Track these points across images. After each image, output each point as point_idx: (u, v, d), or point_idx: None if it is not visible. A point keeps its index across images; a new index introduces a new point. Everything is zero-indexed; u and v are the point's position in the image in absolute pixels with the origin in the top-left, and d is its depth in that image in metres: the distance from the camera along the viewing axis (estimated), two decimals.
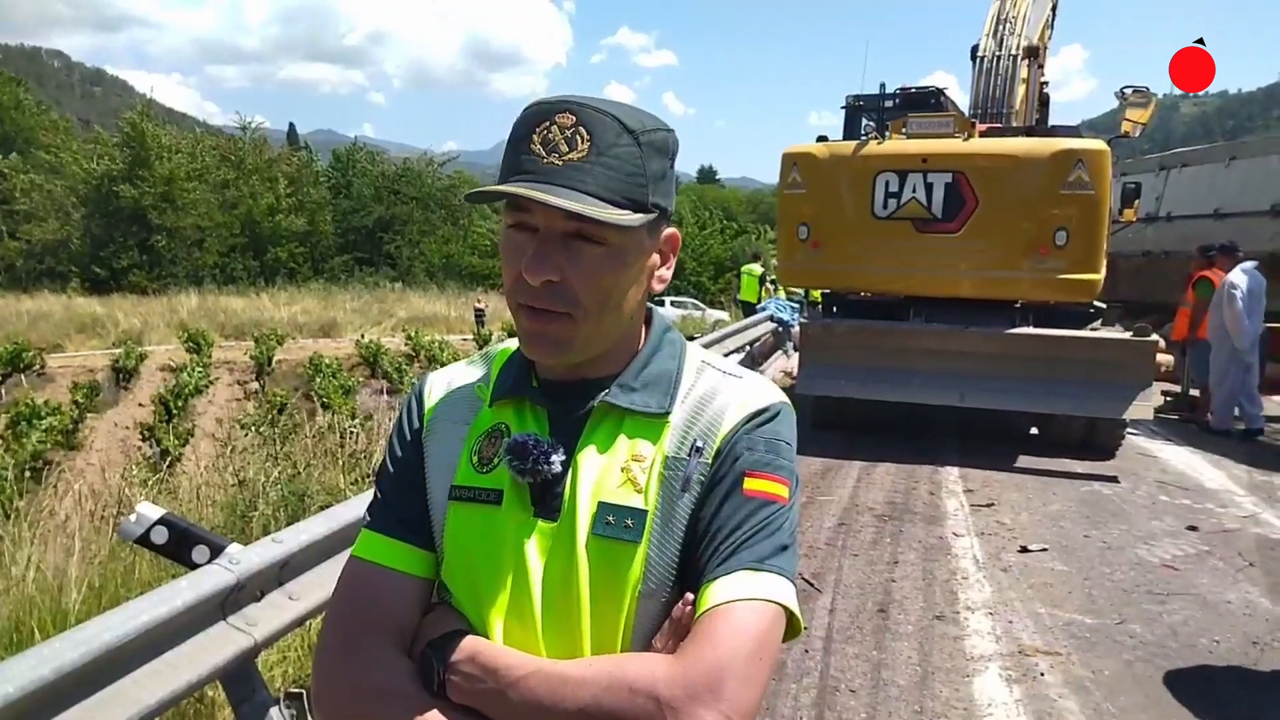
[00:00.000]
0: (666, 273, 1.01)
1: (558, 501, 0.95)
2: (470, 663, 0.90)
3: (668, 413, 0.98)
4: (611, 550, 0.93)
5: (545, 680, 0.87)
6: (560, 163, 0.88)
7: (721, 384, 1.01)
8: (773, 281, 15.75)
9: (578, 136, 0.89)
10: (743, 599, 0.89)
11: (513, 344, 1.07)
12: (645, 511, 0.93)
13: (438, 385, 1.08)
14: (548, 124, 0.90)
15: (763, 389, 1.02)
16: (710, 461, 0.96)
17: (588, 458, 0.96)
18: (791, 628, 0.92)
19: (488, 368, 1.08)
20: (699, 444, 0.96)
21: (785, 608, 0.91)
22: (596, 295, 0.92)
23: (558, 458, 0.95)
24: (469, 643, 0.92)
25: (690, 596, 0.92)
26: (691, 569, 0.94)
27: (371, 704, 0.92)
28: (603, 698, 0.85)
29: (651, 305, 1.05)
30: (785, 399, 1.03)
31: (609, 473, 0.95)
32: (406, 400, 1.09)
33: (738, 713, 0.84)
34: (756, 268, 16.55)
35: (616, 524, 0.93)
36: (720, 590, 0.89)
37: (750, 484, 0.94)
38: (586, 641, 0.92)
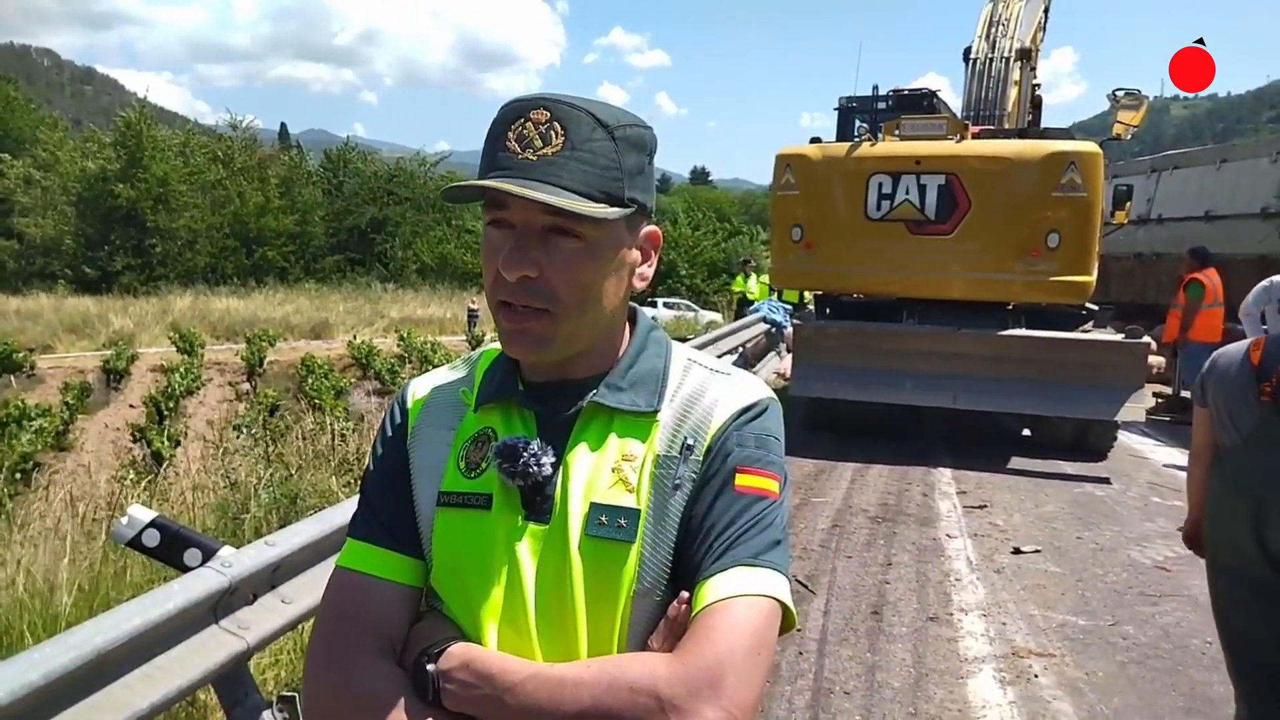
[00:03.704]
0: (648, 270, 1.00)
1: (549, 504, 0.94)
2: (465, 669, 0.88)
3: (656, 411, 0.97)
4: (605, 551, 0.91)
5: (544, 684, 0.85)
6: (535, 158, 0.88)
7: (709, 381, 1.00)
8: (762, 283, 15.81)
9: (552, 132, 0.89)
10: (739, 595, 0.88)
11: (496, 348, 1.05)
12: (638, 511, 0.92)
13: (420, 391, 1.06)
14: (523, 121, 0.90)
15: (750, 385, 1.01)
16: (701, 459, 0.94)
17: (578, 459, 0.95)
18: (785, 622, 0.92)
19: (471, 372, 1.06)
20: (690, 442, 0.95)
21: (780, 602, 0.90)
22: (575, 290, 0.91)
23: (548, 459, 0.93)
24: (462, 649, 0.90)
25: (685, 595, 0.90)
26: (685, 567, 0.92)
27: (363, 713, 0.89)
28: (603, 698, 0.83)
29: (635, 305, 1.04)
30: (773, 395, 1.02)
31: (600, 473, 0.94)
32: (389, 408, 1.07)
33: (738, 707, 0.83)
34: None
35: (609, 524, 0.92)
36: (717, 587, 0.88)
37: (741, 480, 0.93)
38: (583, 644, 0.91)
